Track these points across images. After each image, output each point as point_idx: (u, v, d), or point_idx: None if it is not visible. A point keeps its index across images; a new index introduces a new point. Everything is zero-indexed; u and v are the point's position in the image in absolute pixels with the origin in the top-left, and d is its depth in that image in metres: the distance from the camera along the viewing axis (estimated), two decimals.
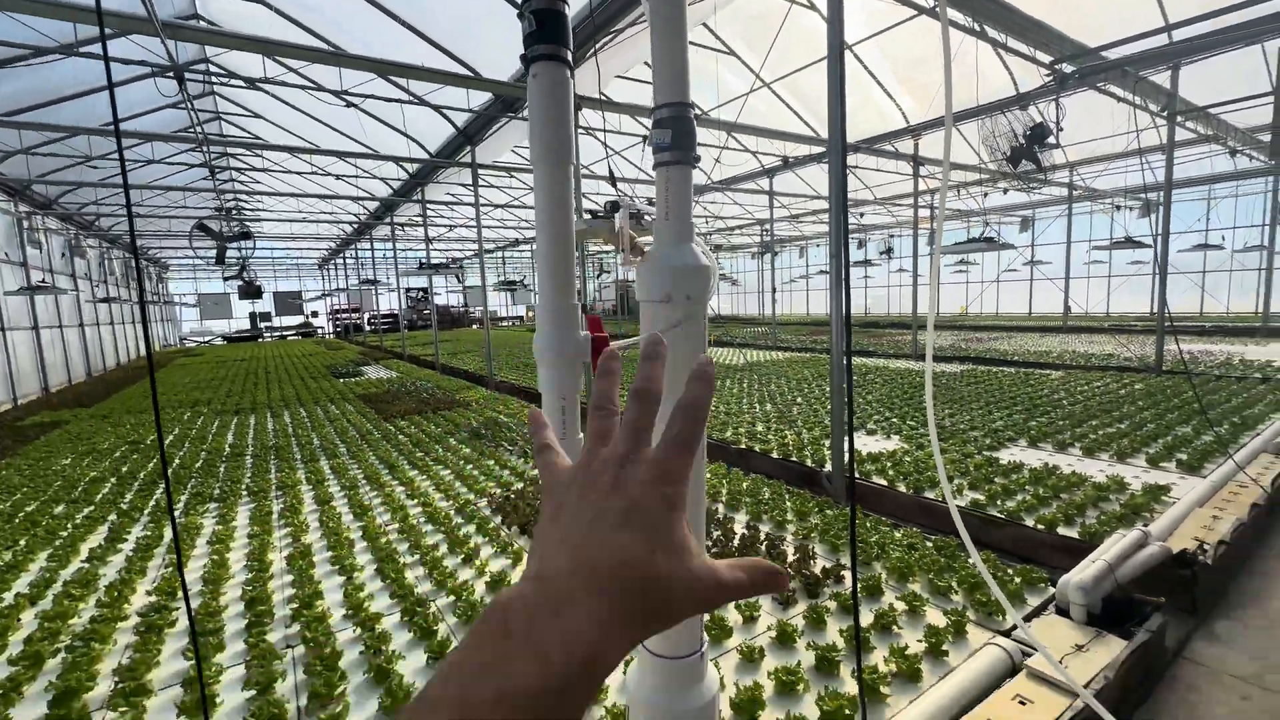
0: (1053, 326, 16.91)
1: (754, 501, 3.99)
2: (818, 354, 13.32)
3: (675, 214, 0.90)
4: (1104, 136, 10.23)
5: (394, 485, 4.80)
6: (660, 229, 0.92)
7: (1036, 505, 3.71)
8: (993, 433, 5.52)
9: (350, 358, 17.04)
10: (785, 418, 6.43)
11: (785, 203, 18.17)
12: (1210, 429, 5.20)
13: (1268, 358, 9.63)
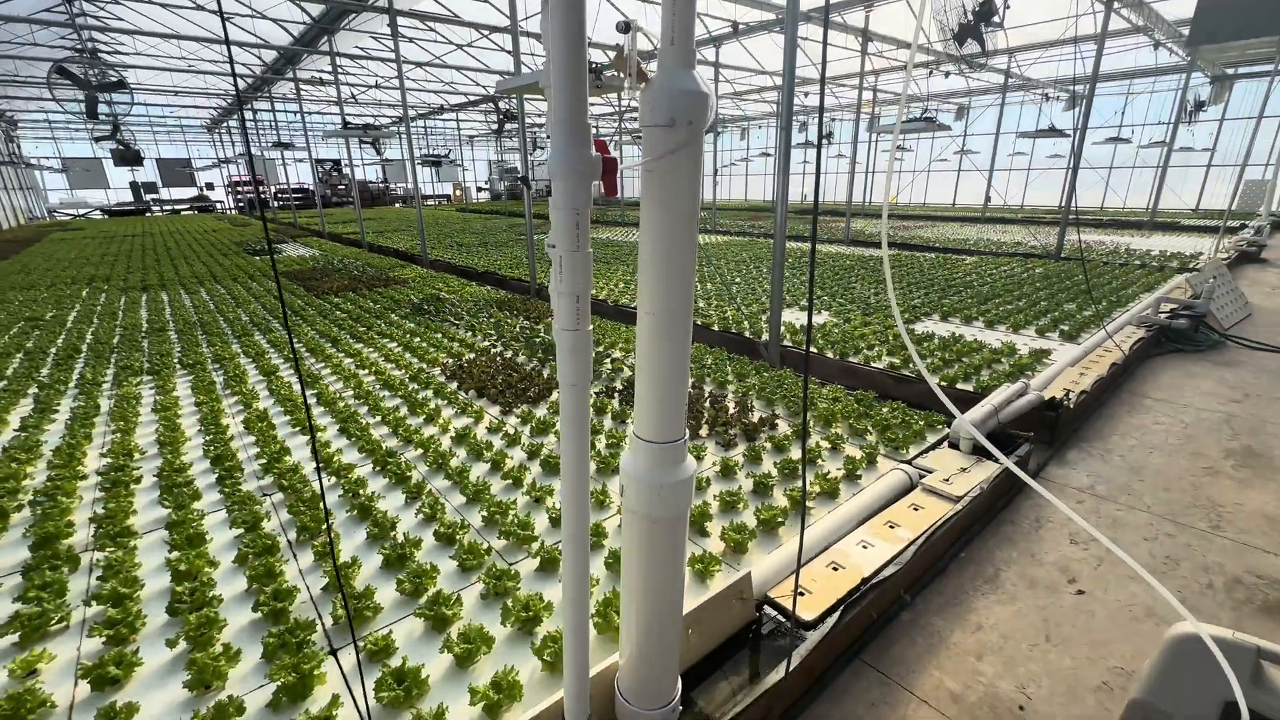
0: (973, 217, 17.83)
1: (698, 366, 4.30)
2: (755, 238, 13.56)
3: (680, 39, 0.96)
4: (1044, 21, 10.26)
5: (340, 357, 4.77)
6: (665, 54, 0.98)
7: (942, 366, 4.24)
8: (911, 309, 6.05)
9: (262, 235, 15.69)
10: (727, 295, 6.72)
11: (730, 77, 17.35)
12: (1093, 305, 5.92)
13: (1149, 247, 10.73)
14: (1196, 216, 16.53)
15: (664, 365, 1.16)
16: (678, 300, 1.12)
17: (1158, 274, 7.85)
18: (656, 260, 1.10)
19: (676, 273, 1.10)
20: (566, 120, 0.95)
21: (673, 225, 1.07)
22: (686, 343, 1.17)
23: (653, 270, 1.11)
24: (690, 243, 1.10)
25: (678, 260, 1.09)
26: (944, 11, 5.83)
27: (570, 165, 0.96)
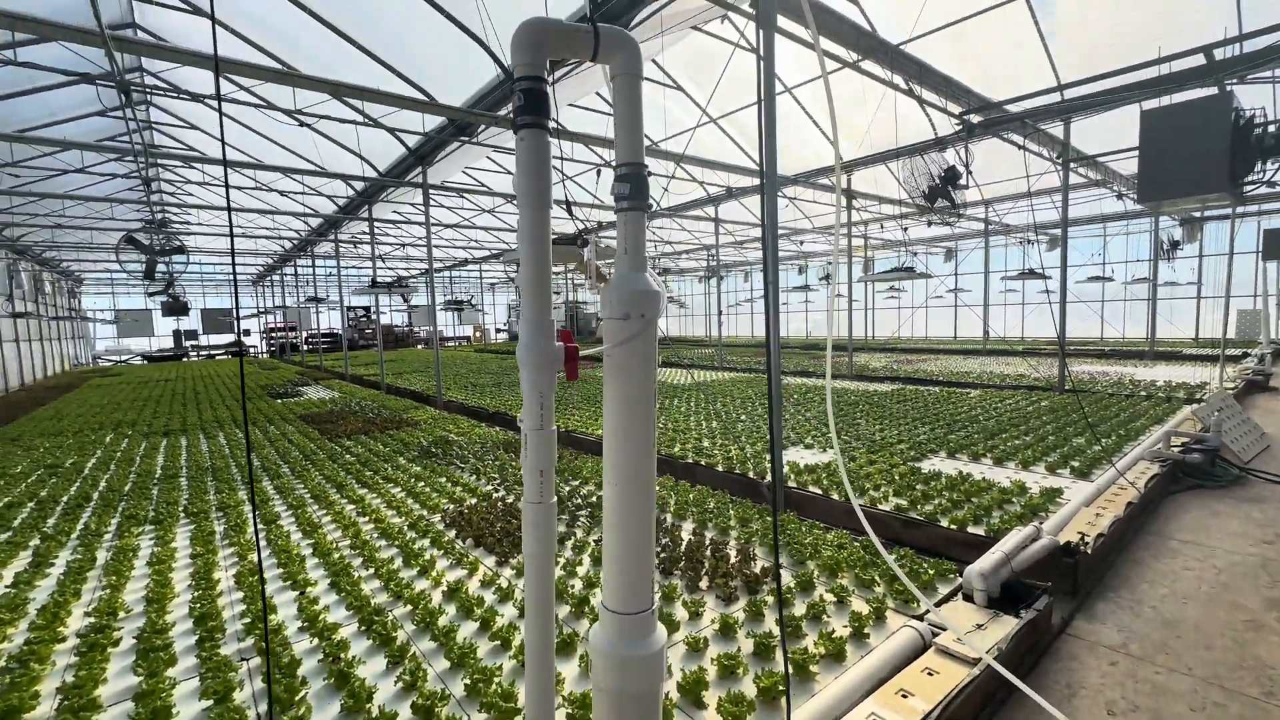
0: (974, 350, 18.22)
1: (700, 511, 4.23)
2: (761, 374, 13.87)
3: (632, 250, 1.14)
4: (1011, 179, 11.34)
5: (343, 503, 4.77)
6: (620, 261, 1.15)
7: (951, 508, 4.13)
8: (917, 445, 6.01)
9: (288, 377, 16.39)
10: (729, 434, 6.76)
11: (730, 229, 18.94)
12: (1099, 440, 5.85)
13: (1152, 377, 10.79)
14: (1197, 345, 16.76)
15: (628, 534, 1.20)
16: (638, 470, 1.19)
17: (1165, 405, 7.82)
18: (618, 434, 1.19)
19: (635, 445, 1.18)
20: (533, 319, 1.10)
21: (630, 403, 1.18)
22: (649, 511, 1.22)
23: (615, 443, 1.19)
24: (647, 417, 1.19)
25: (637, 433, 1.18)
26: (913, 177, 6.54)
27: (537, 356, 1.09)
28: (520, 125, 1.07)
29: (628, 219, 1.12)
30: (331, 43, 6.32)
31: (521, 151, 1.07)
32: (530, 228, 1.07)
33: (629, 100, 1.10)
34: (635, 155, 1.13)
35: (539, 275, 1.08)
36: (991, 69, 8.00)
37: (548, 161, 1.09)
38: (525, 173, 1.06)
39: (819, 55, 1.34)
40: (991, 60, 8.05)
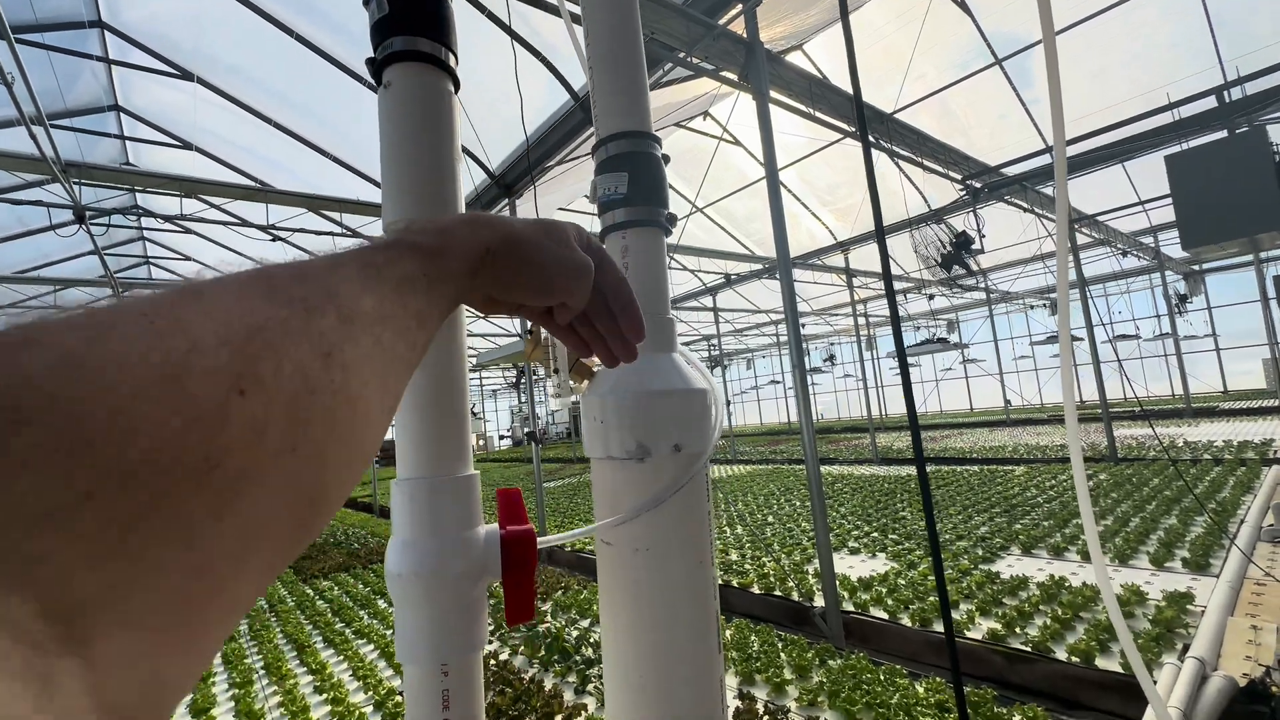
0: (996, 420, 17.38)
1: (743, 657, 3.34)
2: (779, 465, 12.98)
3: (644, 305, 0.54)
4: (1014, 244, 11.16)
5: (300, 675, 3.87)
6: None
7: (1060, 631, 3.25)
8: (980, 541, 5.14)
9: None
10: (758, 541, 5.88)
11: (729, 318, 18.78)
12: (1197, 518, 5.01)
13: (1205, 437, 9.94)
14: (1229, 399, 15.98)
15: None
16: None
17: (1242, 469, 6.96)
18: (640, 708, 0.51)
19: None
20: (418, 484, 0.47)
21: (667, 650, 0.51)
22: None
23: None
24: (705, 671, 0.52)
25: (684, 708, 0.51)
26: (924, 246, 6.18)
27: (435, 568, 0.45)
28: (384, 57, 0.53)
29: (631, 244, 0.53)
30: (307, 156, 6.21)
31: (387, 114, 0.52)
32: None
33: (617, 27, 0.56)
34: (635, 118, 0.57)
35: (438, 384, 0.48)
36: (982, 139, 7.96)
37: (450, 134, 0.54)
38: (397, 147, 0.51)
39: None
40: (978, 131, 8.04)
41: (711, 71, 4.42)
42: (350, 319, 0.24)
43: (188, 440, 0.17)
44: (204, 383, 0.18)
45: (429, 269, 0.31)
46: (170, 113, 6.55)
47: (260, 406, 0.19)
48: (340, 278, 0.25)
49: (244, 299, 0.21)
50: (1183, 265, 15.59)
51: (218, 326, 0.19)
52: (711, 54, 4.29)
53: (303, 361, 0.21)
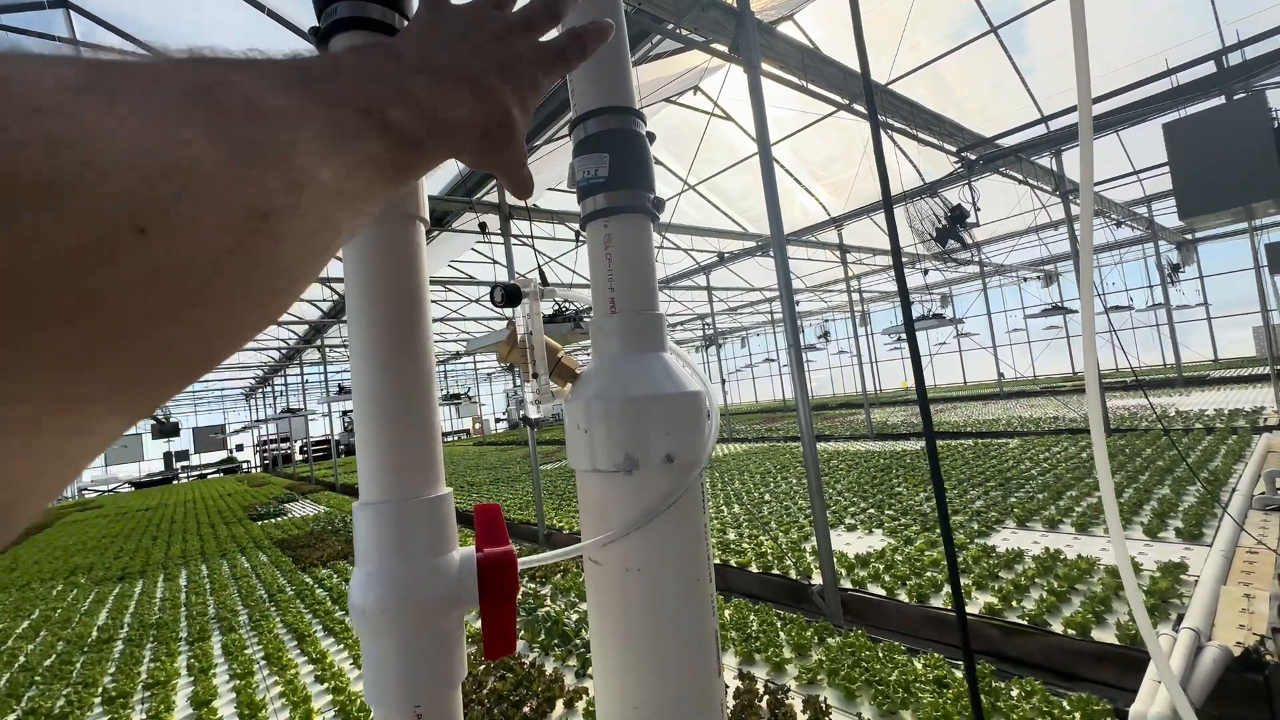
0: (990, 394, 17.49)
1: (742, 637, 3.36)
2: (775, 443, 13.04)
3: (630, 301, 0.49)
4: (1008, 216, 11.09)
5: (301, 665, 3.87)
6: (604, 331, 0.50)
7: (1056, 604, 3.27)
8: (976, 515, 5.17)
9: (275, 494, 15.42)
10: (756, 520, 5.90)
11: (723, 297, 18.69)
12: (1189, 488, 5.05)
13: (1196, 406, 10.03)
14: (1219, 367, 16.11)
15: None
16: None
17: (1234, 438, 7.01)
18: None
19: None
20: (384, 505, 0.43)
21: (656, 676, 0.47)
22: None
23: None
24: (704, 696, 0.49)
25: None
26: (919, 220, 6.11)
27: (403, 598, 0.40)
28: (328, 26, 0.46)
29: (614, 232, 0.48)
30: None
31: None
32: (370, 256, 0.43)
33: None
34: (618, 93, 0.51)
35: (400, 384, 0.43)
36: (975, 110, 7.84)
37: None
38: None
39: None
40: (972, 102, 7.91)
41: (701, 43, 4.30)
42: (299, 185, 0.21)
43: (66, 267, 0.14)
44: (96, 210, 0.15)
45: (399, 156, 0.27)
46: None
47: (162, 254, 0.16)
48: (302, 134, 0.22)
49: (172, 121, 0.18)
50: (1176, 235, 15.57)
51: (126, 149, 0.16)
52: (701, 25, 4.16)
53: (231, 216, 0.18)
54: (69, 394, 0.16)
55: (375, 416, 0.43)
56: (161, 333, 0.18)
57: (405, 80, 0.29)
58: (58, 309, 0.15)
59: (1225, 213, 4.59)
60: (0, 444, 0.15)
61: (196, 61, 0.21)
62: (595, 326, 0.51)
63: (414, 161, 0.29)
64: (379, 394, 0.43)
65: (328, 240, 0.24)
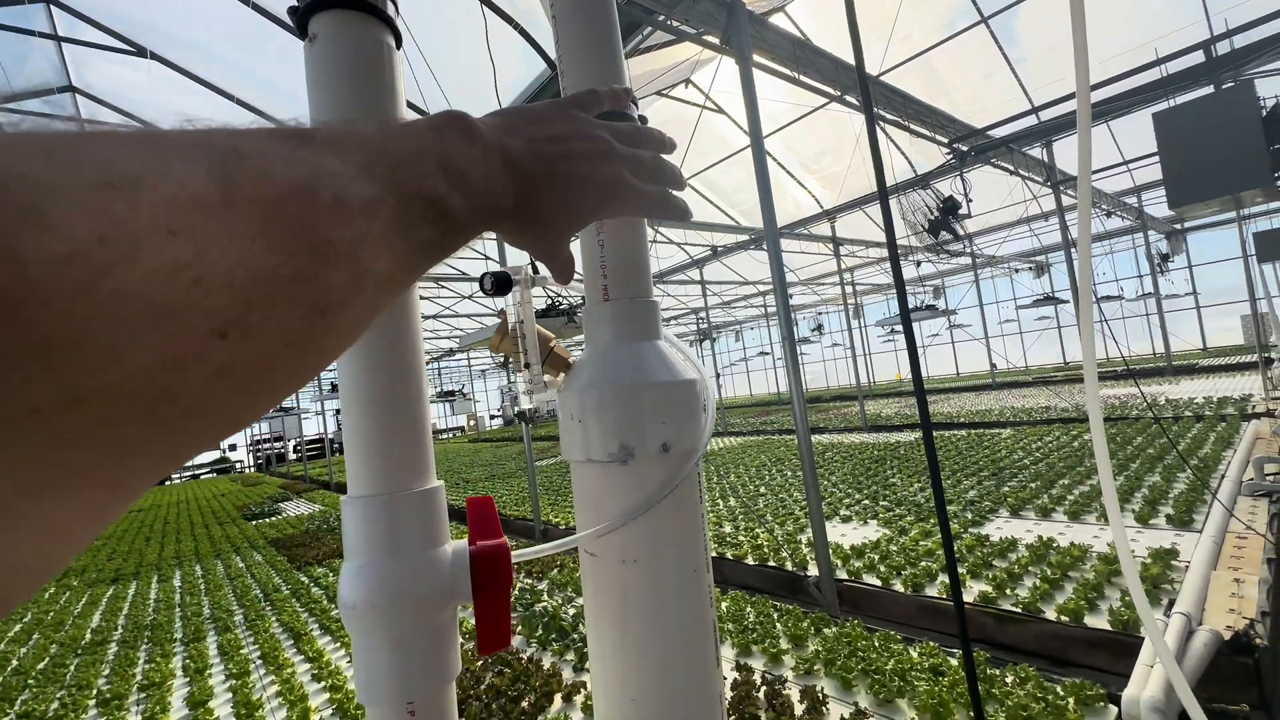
0: (983, 385, 17.60)
1: (739, 629, 3.37)
2: (770, 436, 13.08)
3: (623, 288, 0.48)
4: (999, 208, 11.13)
5: (298, 664, 3.86)
6: (596, 319, 0.49)
7: (1050, 591, 3.30)
8: (970, 505, 5.21)
9: (268, 493, 15.34)
10: (751, 513, 5.92)
11: (716, 290, 18.69)
12: (1179, 475, 5.10)
13: (1185, 394, 10.12)
14: (1208, 355, 16.28)
15: None
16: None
17: (1222, 425, 7.09)
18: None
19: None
20: (372, 499, 0.42)
21: (657, 666, 0.47)
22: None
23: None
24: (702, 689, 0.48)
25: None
26: (911, 213, 6.12)
27: (396, 592, 0.39)
28: (306, 6, 0.45)
29: (609, 219, 0.47)
30: None
31: (317, 71, 0.45)
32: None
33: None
34: (611, 71, 0.49)
35: (391, 371, 0.42)
36: (966, 101, 7.84)
37: (394, 90, 0.47)
38: (326, 101, 0.44)
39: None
40: (963, 93, 7.92)
41: (693, 35, 4.27)
42: (360, 280, 0.22)
43: (154, 378, 0.16)
44: (193, 323, 0.16)
45: (446, 240, 0.28)
46: (129, 92, 6.25)
47: (234, 353, 0.18)
48: (374, 227, 0.23)
49: (274, 224, 0.19)
50: (1165, 225, 15.67)
51: (232, 264, 0.17)
52: (692, 16, 4.13)
53: (295, 315, 0.19)
54: (123, 479, 0.17)
55: (363, 409, 0.42)
56: (216, 418, 0.19)
57: (474, 164, 0.30)
58: (143, 410, 0.16)
59: (1213, 202, 4.61)
60: (60, 518, 0.16)
61: (300, 139, 0.22)
62: (588, 314, 0.50)
63: (459, 241, 0.30)
64: (366, 386, 0.42)
65: (368, 322, 0.24)
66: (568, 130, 0.36)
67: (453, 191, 0.28)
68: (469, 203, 0.29)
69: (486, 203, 0.30)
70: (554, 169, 0.34)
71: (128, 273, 0.15)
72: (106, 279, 0.14)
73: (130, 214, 0.15)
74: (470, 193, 0.29)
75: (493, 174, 0.31)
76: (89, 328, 0.14)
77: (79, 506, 0.16)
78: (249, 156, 0.19)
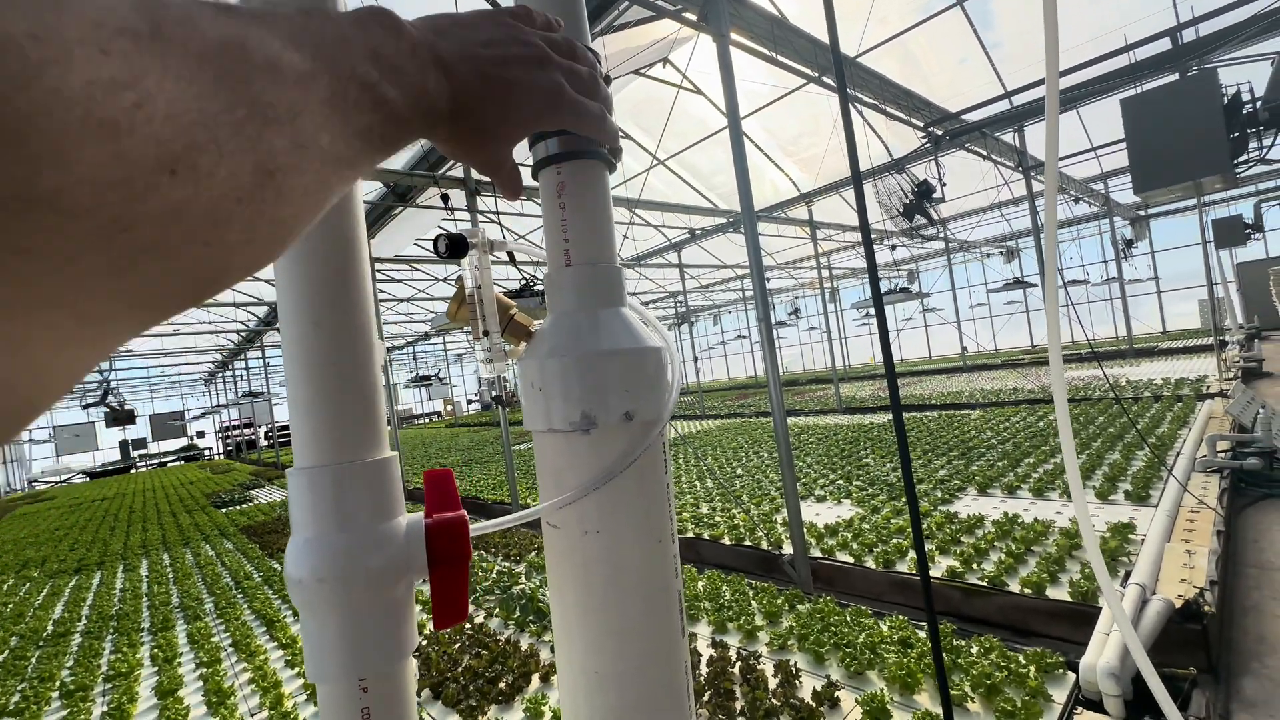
0: (954, 367, 17.99)
1: (715, 606, 3.42)
2: (746, 418, 13.22)
3: (586, 252, 0.46)
4: (972, 193, 11.28)
5: (271, 650, 3.81)
6: (558, 285, 0.47)
7: (1014, 565, 3.41)
8: (940, 483, 5.34)
9: (239, 480, 15.03)
10: (729, 494, 5.99)
11: (694, 274, 18.68)
12: (1137, 453, 5.29)
13: (1145, 376, 10.49)
14: (1167, 339, 16.86)
15: None
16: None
17: (1179, 405, 7.37)
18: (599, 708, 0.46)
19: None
20: (320, 469, 0.39)
21: (619, 637, 0.46)
22: None
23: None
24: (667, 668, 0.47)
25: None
26: (886, 196, 6.16)
27: (348, 565, 0.38)
28: None
29: (566, 179, 0.45)
30: None
31: None
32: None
33: None
34: (570, 27, 0.47)
35: (335, 334, 0.40)
36: (942, 86, 7.88)
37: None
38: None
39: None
40: (939, 77, 7.96)
41: (671, 11, 4.20)
42: (304, 147, 0.23)
43: (105, 197, 0.16)
44: (140, 149, 0.17)
45: (388, 131, 0.29)
46: None
47: (186, 193, 0.18)
48: (310, 98, 0.23)
49: (207, 72, 0.19)
50: (1130, 211, 16.10)
51: (171, 97, 0.18)
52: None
53: (242, 169, 0.20)
54: (91, 310, 0.18)
55: (307, 374, 0.39)
56: (175, 263, 0.19)
57: (404, 59, 0.30)
58: (98, 233, 0.16)
59: (1176, 187, 4.74)
60: (34, 340, 0.17)
61: (224, 9, 0.22)
62: (549, 280, 0.48)
63: (400, 137, 0.30)
64: (311, 349, 0.39)
65: (321, 200, 0.25)
66: (501, 35, 0.36)
67: (385, 81, 0.28)
68: (404, 96, 0.29)
69: (423, 101, 0.30)
70: (489, 72, 0.34)
71: (64, 76, 0.15)
72: (42, 76, 0.14)
73: (58, 21, 0.15)
74: (404, 85, 0.29)
75: (425, 72, 0.31)
76: (31, 123, 0.14)
77: (47, 331, 0.17)
78: (172, 6, 0.19)
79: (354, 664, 0.38)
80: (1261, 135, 4.58)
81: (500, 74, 0.34)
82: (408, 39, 0.30)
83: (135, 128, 0.17)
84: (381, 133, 0.28)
